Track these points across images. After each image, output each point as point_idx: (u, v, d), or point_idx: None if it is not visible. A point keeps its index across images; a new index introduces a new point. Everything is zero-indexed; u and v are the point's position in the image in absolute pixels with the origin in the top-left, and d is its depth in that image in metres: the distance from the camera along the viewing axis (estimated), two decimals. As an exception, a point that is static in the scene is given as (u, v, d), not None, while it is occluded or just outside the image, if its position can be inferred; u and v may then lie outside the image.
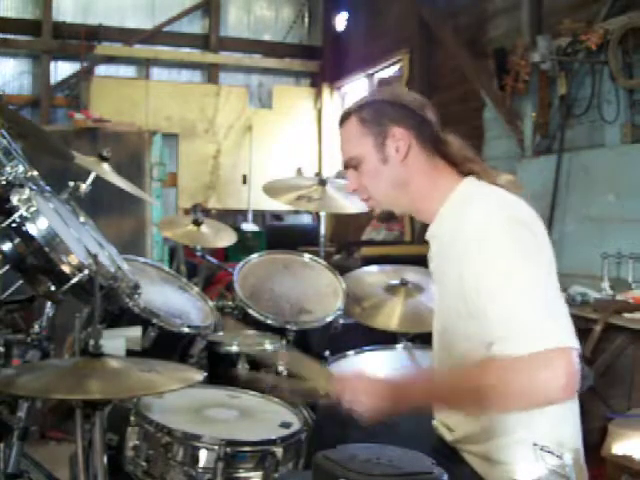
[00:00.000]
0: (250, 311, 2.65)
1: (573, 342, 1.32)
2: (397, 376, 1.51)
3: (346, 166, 1.64)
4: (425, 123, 1.57)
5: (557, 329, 1.32)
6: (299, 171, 7.65)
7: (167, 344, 2.41)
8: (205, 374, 1.63)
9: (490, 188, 1.54)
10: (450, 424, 1.57)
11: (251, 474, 1.60)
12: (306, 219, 7.69)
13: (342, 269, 3.10)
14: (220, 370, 2.42)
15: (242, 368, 2.38)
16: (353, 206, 3.12)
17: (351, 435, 1.52)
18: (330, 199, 3.06)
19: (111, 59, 7.33)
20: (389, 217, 1.68)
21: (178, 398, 1.81)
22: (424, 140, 1.56)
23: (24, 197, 1.63)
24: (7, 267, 1.65)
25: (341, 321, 2.74)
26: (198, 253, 3.58)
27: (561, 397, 1.33)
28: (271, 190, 3.15)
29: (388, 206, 1.64)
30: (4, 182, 1.71)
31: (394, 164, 1.55)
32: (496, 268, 1.36)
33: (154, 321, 2.36)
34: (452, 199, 1.55)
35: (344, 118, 1.63)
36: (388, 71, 6.75)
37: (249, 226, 7.07)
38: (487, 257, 1.38)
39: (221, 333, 2.65)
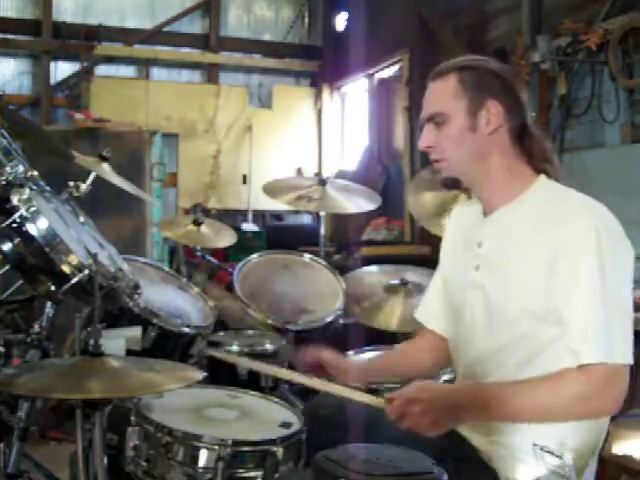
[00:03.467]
0: (250, 311, 2.66)
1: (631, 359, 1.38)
2: (446, 389, 1.52)
3: (428, 119, 1.56)
4: (519, 105, 1.55)
5: (631, 345, 1.38)
6: (299, 171, 7.65)
7: (167, 344, 2.41)
8: (205, 374, 1.63)
9: (578, 193, 1.52)
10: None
11: (251, 474, 1.59)
12: (306, 219, 7.69)
13: (342, 269, 3.11)
14: (220, 370, 2.42)
15: (242, 368, 2.38)
16: (353, 206, 3.12)
17: (340, 435, 1.51)
18: (330, 199, 3.06)
19: (111, 59, 7.33)
20: (454, 185, 1.62)
21: (178, 398, 1.81)
22: (514, 123, 1.53)
23: (24, 197, 1.63)
24: (7, 267, 1.65)
25: (341, 321, 2.75)
26: (198, 253, 3.58)
27: (611, 412, 1.41)
28: (271, 190, 3.15)
29: (459, 173, 1.57)
30: (4, 182, 1.71)
31: (480, 135, 1.51)
32: (596, 277, 1.37)
33: (154, 321, 2.36)
34: (536, 190, 1.52)
35: (441, 73, 1.55)
36: (388, 71, 6.75)
37: (249, 226, 7.07)
38: (583, 269, 1.38)
39: (221, 333, 2.65)
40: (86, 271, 1.66)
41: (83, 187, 2.33)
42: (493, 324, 1.52)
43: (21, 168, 1.80)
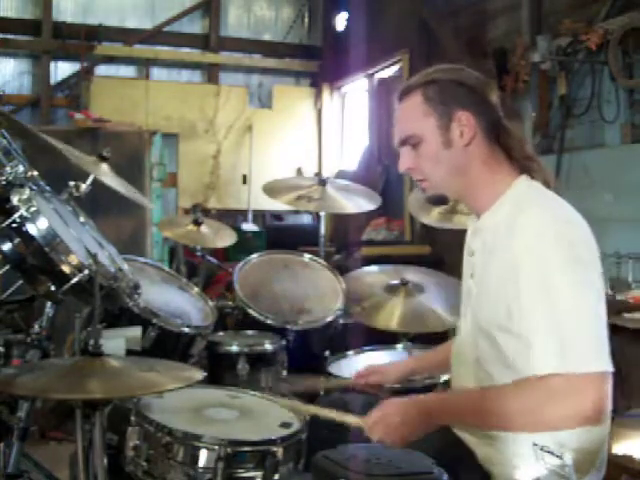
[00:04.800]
0: (250, 311, 2.66)
1: (608, 366, 1.31)
2: (416, 399, 1.47)
3: (402, 143, 1.55)
4: (489, 107, 1.52)
5: (596, 354, 1.31)
6: (299, 171, 7.65)
7: (167, 344, 2.41)
8: (205, 374, 1.63)
9: (547, 195, 1.50)
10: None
11: (251, 474, 1.59)
12: (306, 219, 7.69)
13: (342, 269, 3.11)
14: (220, 370, 2.42)
15: (242, 368, 2.38)
16: (353, 206, 3.12)
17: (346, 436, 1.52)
18: (330, 199, 3.06)
19: (111, 59, 7.32)
20: (440, 201, 1.64)
21: (178, 398, 1.81)
22: (487, 126, 1.51)
23: (24, 197, 1.63)
24: (7, 267, 1.65)
25: (341, 321, 2.75)
26: (198, 253, 3.58)
27: (588, 422, 1.32)
28: (271, 190, 3.15)
29: (443, 190, 1.56)
30: (4, 182, 1.71)
31: (456, 149, 1.50)
32: (540, 287, 1.33)
33: (154, 321, 2.36)
34: (509, 196, 1.50)
35: (406, 92, 1.54)
36: (388, 71, 6.74)
37: (249, 226, 7.07)
38: (532, 274, 1.35)
39: (221, 333, 2.65)
40: (86, 271, 1.66)
41: (83, 187, 2.33)
42: (476, 333, 1.53)
43: (21, 168, 1.80)
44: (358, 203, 3.14)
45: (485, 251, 1.52)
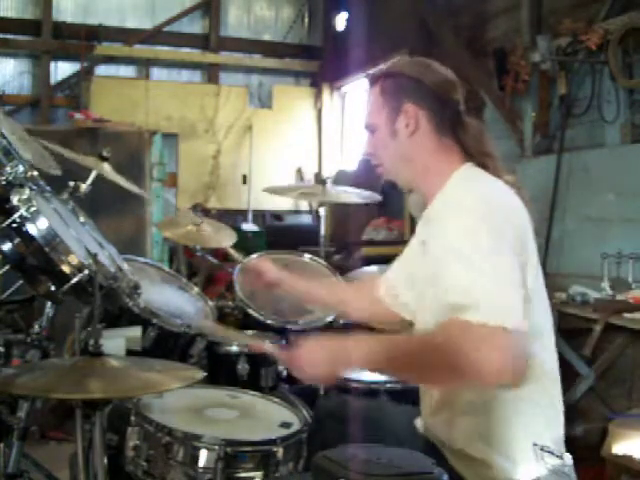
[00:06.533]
0: (250, 311, 2.65)
1: (521, 325, 1.30)
2: (335, 339, 1.49)
3: (365, 128, 1.68)
4: (445, 104, 1.61)
5: (506, 309, 1.30)
6: (299, 171, 7.65)
7: (167, 344, 2.41)
8: (205, 374, 1.63)
9: (485, 174, 1.56)
10: (443, 435, 1.55)
11: (251, 474, 1.60)
12: (306, 219, 7.69)
13: (342, 269, 3.11)
14: (220, 370, 2.42)
15: (242, 368, 2.38)
16: (354, 197, 3.12)
17: (350, 433, 1.52)
18: (330, 196, 3.07)
19: (111, 59, 7.33)
20: (395, 185, 1.77)
21: (178, 398, 1.81)
22: (440, 120, 1.59)
23: (24, 197, 1.63)
24: (7, 267, 1.65)
25: (341, 321, 2.74)
26: (198, 253, 3.58)
27: (494, 380, 1.30)
28: (272, 190, 3.16)
29: (393, 177, 1.68)
30: (4, 182, 1.71)
31: (401, 139, 1.60)
32: (460, 241, 1.38)
33: (154, 321, 2.36)
34: (451, 181, 1.57)
35: (371, 82, 1.67)
36: (388, 71, 6.75)
37: (249, 226, 7.07)
38: (453, 229, 1.41)
39: (221, 333, 2.65)
40: (86, 271, 1.66)
41: (83, 187, 2.33)
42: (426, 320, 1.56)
43: (21, 168, 1.80)
44: (359, 196, 3.16)
45: (429, 236, 1.59)
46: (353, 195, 3.13)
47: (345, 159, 7.67)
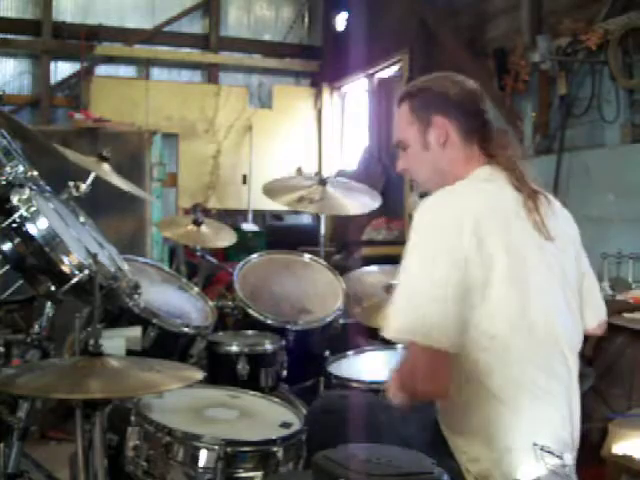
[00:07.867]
0: (250, 311, 2.65)
1: (434, 341, 1.38)
2: None
3: (396, 146, 1.74)
4: (472, 114, 1.65)
5: (419, 327, 1.40)
6: (299, 171, 7.65)
7: (167, 344, 2.41)
8: (205, 374, 1.63)
9: (471, 182, 1.59)
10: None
11: (251, 474, 1.60)
12: (306, 219, 7.69)
13: (342, 269, 3.10)
14: (220, 370, 2.42)
15: (242, 368, 2.38)
16: (354, 205, 3.12)
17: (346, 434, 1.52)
18: (330, 199, 3.06)
19: (111, 59, 7.32)
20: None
21: (178, 398, 1.81)
22: (468, 131, 1.63)
23: (24, 197, 1.63)
24: (7, 267, 1.65)
25: (341, 321, 2.75)
26: (198, 253, 3.58)
27: (412, 391, 1.44)
28: (271, 191, 3.15)
29: (428, 188, 1.71)
30: (4, 182, 1.71)
31: (434, 151, 1.65)
32: (405, 259, 1.49)
33: (154, 321, 2.36)
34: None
35: (400, 100, 1.72)
36: (388, 71, 6.74)
37: (249, 226, 7.07)
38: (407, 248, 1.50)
39: (221, 333, 2.65)
40: (86, 271, 1.66)
41: (83, 187, 2.33)
42: None
43: (21, 168, 1.80)
44: (359, 202, 3.14)
45: None
46: (353, 205, 3.12)
47: (345, 159, 7.67)
